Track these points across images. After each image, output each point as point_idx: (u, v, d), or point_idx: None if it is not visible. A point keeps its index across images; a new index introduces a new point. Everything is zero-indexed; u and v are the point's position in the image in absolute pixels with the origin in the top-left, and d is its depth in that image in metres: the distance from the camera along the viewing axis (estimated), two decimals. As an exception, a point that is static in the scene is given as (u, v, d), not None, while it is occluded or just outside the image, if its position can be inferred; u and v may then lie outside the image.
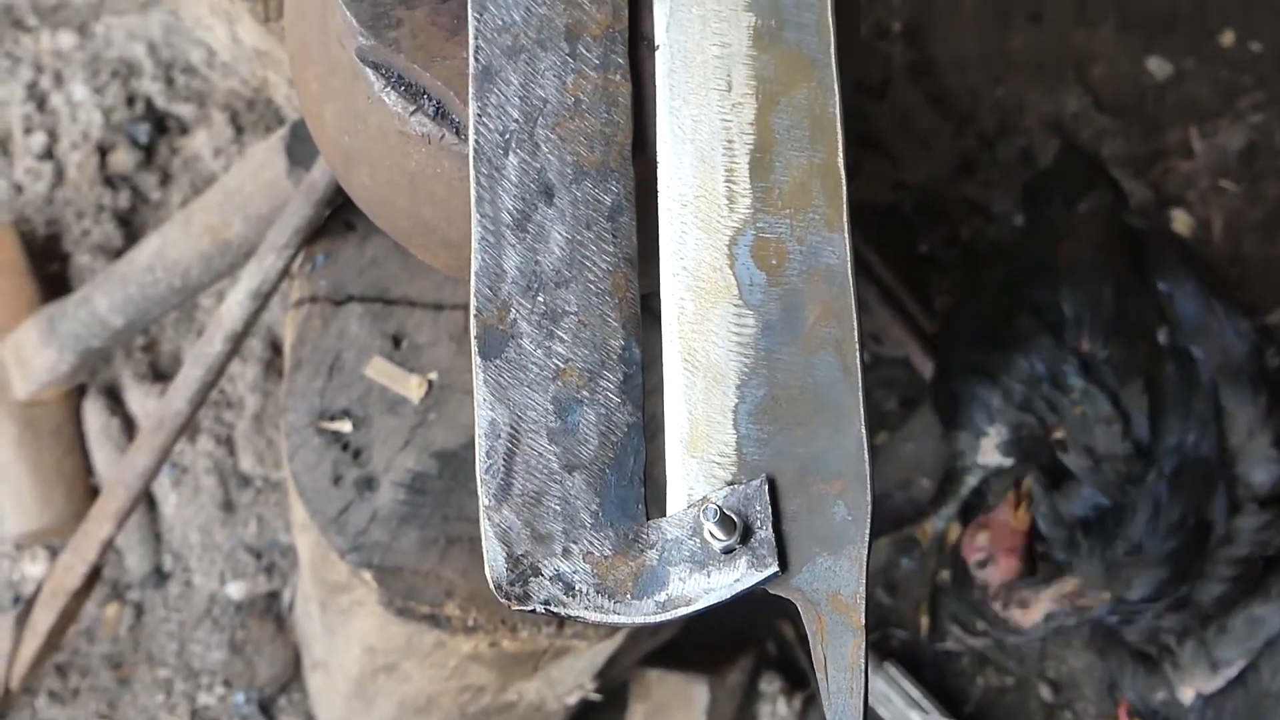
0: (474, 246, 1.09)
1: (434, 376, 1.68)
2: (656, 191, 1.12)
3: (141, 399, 2.18)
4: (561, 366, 1.08)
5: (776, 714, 2.18)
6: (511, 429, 1.07)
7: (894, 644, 2.24)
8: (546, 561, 1.04)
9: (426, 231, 1.23)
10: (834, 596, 1.02)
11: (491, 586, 1.03)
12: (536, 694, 1.78)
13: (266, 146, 1.76)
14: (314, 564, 1.75)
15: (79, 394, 2.18)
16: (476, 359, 1.08)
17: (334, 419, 1.67)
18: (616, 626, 1.08)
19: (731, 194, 1.11)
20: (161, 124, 2.31)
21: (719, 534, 1.02)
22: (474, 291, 1.09)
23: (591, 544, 1.04)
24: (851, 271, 1.09)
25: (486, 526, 1.04)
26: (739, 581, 1.02)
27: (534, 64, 1.13)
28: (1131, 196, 2.17)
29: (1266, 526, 1.80)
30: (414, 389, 1.67)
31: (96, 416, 2.17)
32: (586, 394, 1.08)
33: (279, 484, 2.19)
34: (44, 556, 2.16)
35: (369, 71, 1.16)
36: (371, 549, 1.63)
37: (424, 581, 1.63)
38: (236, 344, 1.74)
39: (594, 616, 1.04)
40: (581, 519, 1.05)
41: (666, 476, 1.07)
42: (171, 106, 2.32)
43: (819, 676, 1.01)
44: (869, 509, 1.04)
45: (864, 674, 1.00)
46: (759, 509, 1.03)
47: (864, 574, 1.02)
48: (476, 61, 1.13)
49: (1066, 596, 1.86)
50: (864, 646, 1.00)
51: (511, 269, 1.09)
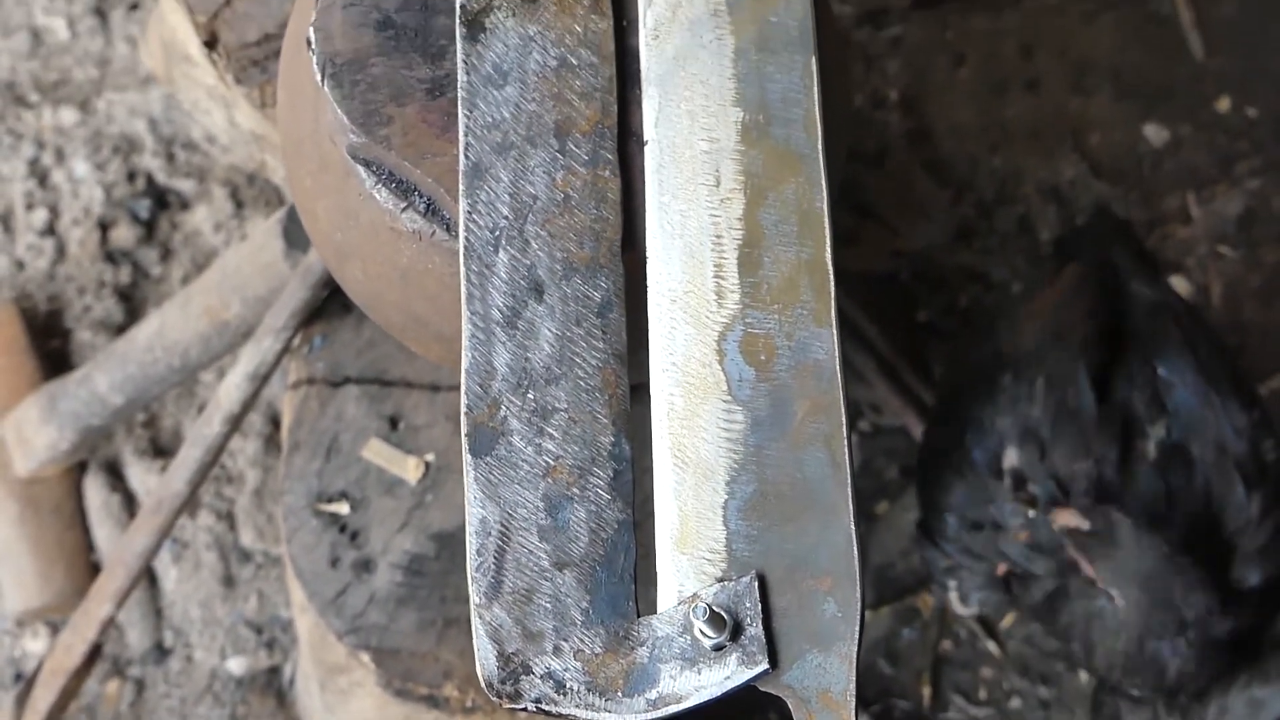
0: (464, 344, 1.10)
1: (431, 458, 1.68)
2: (646, 286, 1.13)
3: (142, 475, 2.18)
4: (552, 464, 1.08)
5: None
6: (502, 526, 1.07)
7: (896, 714, 2.24)
8: (537, 659, 1.04)
9: (419, 325, 1.24)
10: (824, 694, 1.03)
11: (483, 684, 1.04)
12: (535, 773, 1.78)
13: (264, 229, 1.77)
14: (312, 644, 1.75)
15: (80, 470, 2.18)
16: (467, 456, 1.08)
17: (331, 501, 1.68)
18: (608, 722, 1.08)
19: (720, 289, 1.12)
20: (162, 199, 2.33)
21: (709, 631, 1.02)
22: (464, 389, 1.10)
23: (582, 641, 1.05)
24: (840, 367, 1.10)
25: (478, 624, 1.05)
26: (729, 679, 1.02)
27: (524, 160, 1.14)
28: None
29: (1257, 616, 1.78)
30: (411, 470, 1.68)
31: (97, 493, 2.17)
32: (577, 491, 1.08)
33: (279, 559, 2.19)
34: (45, 633, 2.16)
35: (360, 168, 1.17)
36: (369, 631, 1.63)
37: (422, 663, 1.63)
38: (235, 425, 1.75)
39: (585, 714, 1.04)
40: (572, 616, 1.05)
41: (657, 572, 1.07)
42: (172, 182, 2.33)
43: (810, 774, 1.01)
44: (859, 605, 1.04)
45: (855, 771, 1.00)
46: (749, 606, 1.03)
47: (854, 671, 1.03)
48: (466, 158, 1.14)
49: None
50: (854, 743, 1.00)
51: (502, 366, 1.10)
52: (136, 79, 2.38)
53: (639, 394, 1.13)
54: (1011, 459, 1.76)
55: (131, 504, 2.19)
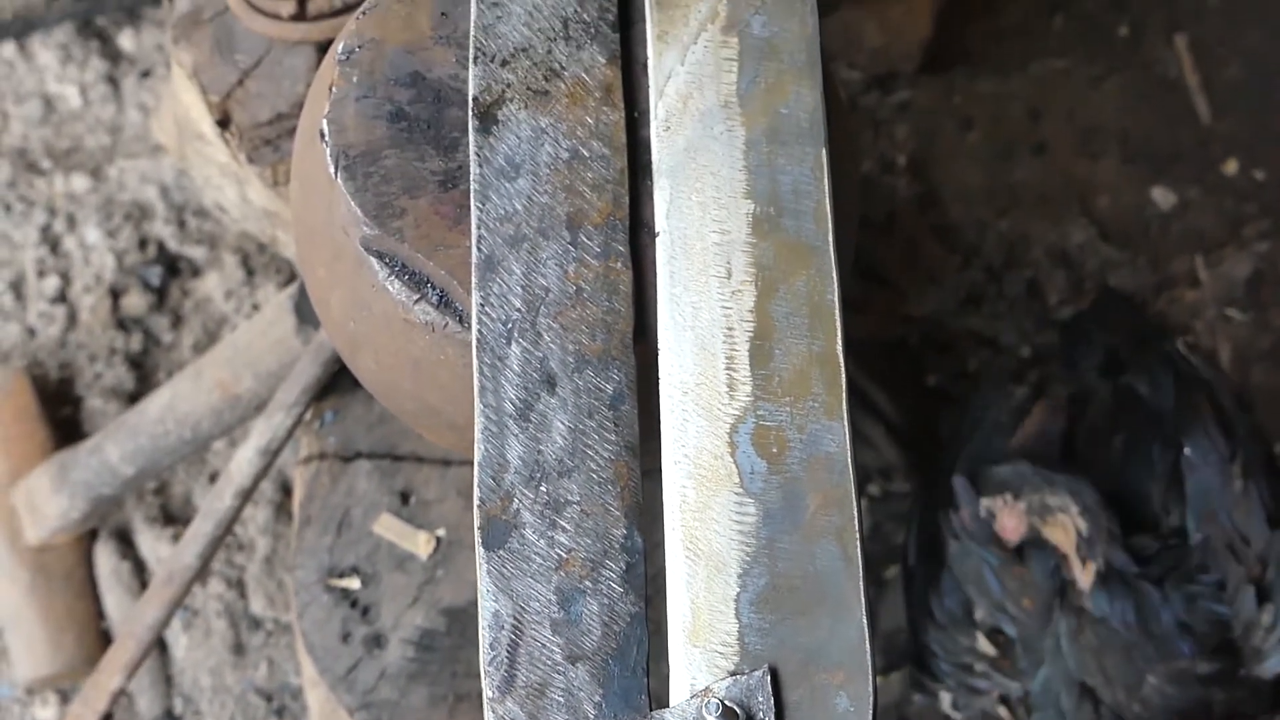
0: (477, 436, 1.11)
1: (442, 533, 1.69)
2: (658, 378, 1.13)
3: (153, 542, 2.19)
4: (564, 556, 1.09)
5: None
6: (515, 620, 1.07)
7: (907, 781, 2.23)
8: (550, 754, 1.05)
9: (431, 414, 1.24)
10: (837, 788, 1.03)
11: (496, 779, 1.04)
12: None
13: (275, 304, 1.78)
14: (324, 719, 1.75)
15: (90, 538, 2.18)
16: (480, 550, 1.08)
17: (343, 576, 1.68)
18: (620, 819, 1.08)
19: (732, 381, 1.12)
20: (173, 266, 2.34)
21: (722, 727, 1.02)
22: (477, 482, 1.10)
23: (595, 736, 1.05)
24: (851, 460, 1.10)
25: (490, 719, 1.05)
26: (743, 774, 1.03)
27: (536, 253, 1.15)
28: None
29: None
30: (422, 545, 1.68)
31: (108, 560, 2.18)
32: (589, 584, 1.08)
33: (290, 626, 2.19)
34: (54, 701, 2.16)
35: (373, 260, 1.17)
36: (380, 706, 1.63)
37: (433, 738, 1.63)
38: (246, 499, 1.76)
39: (598, 809, 1.04)
40: (585, 711, 1.05)
41: (669, 665, 1.07)
42: (183, 249, 2.34)
43: None
44: (871, 700, 1.04)
45: None
46: (761, 700, 1.04)
47: (866, 765, 1.03)
48: (479, 251, 1.14)
49: None
50: (866, 839, 1.01)
51: (514, 459, 1.10)
52: (148, 146, 2.40)
53: (651, 481, 1.13)
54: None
55: (142, 571, 2.19)
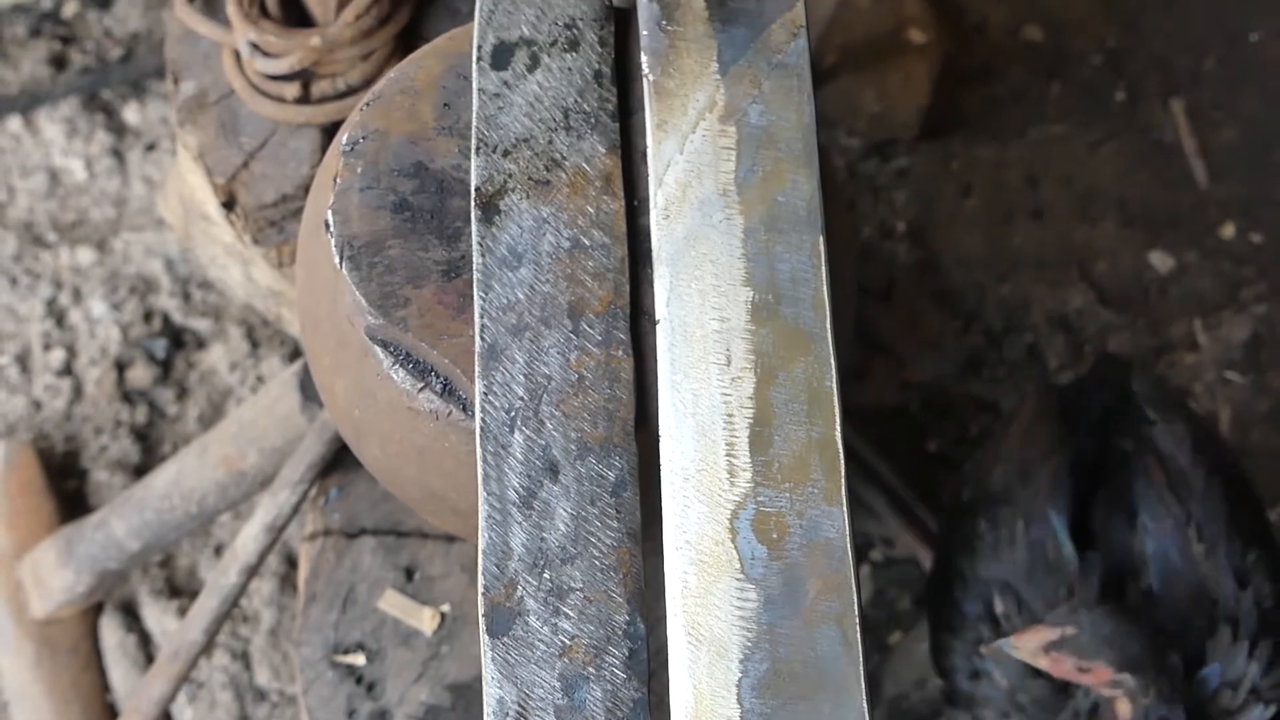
0: (481, 524, 1.12)
1: (446, 608, 1.69)
2: (659, 464, 1.14)
3: (158, 615, 2.19)
4: (568, 643, 1.10)
5: None
6: (520, 707, 1.08)
7: None
8: (555, 841, 1.05)
9: (436, 500, 1.25)
10: None
11: None
12: None
13: (280, 381, 1.79)
14: (329, 794, 1.75)
15: (96, 611, 2.19)
16: (485, 638, 1.10)
17: (348, 652, 1.68)
18: None
19: (732, 468, 1.13)
20: (178, 339, 2.35)
21: (725, 814, 1.03)
22: (481, 570, 1.11)
23: (599, 823, 1.06)
24: (851, 545, 1.11)
25: (495, 807, 1.06)
26: None
27: (538, 341, 1.16)
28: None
29: None
30: (427, 621, 1.69)
31: (113, 633, 2.18)
32: (593, 670, 1.09)
33: (295, 698, 2.19)
34: (61, 775, 2.16)
35: (378, 349, 1.19)
36: (386, 783, 1.64)
37: (438, 814, 1.63)
38: (252, 575, 1.77)
39: None
40: (589, 798, 1.06)
41: (673, 751, 1.08)
42: (188, 321, 2.36)
43: None
44: (872, 786, 1.05)
45: None
46: (764, 786, 1.05)
47: None
48: (482, 340, 1.16)
49: None
50: None
51: (518, 546, 1.12)
52: (153, 219, 2.41)
53: (653, 566, 1.14)
54: (999, 608, 1.75)
55: (148, 644, 2.20)
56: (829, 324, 1.17)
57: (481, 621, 1.10)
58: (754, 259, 1.19)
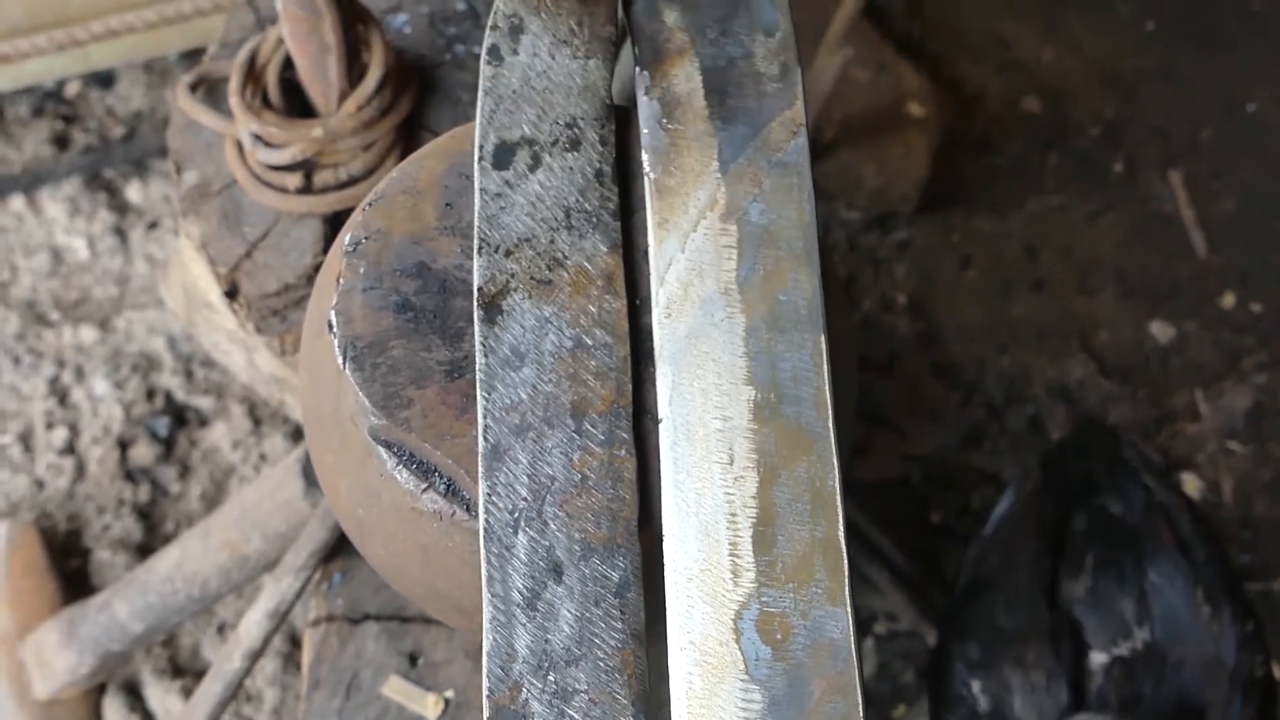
0: (485, 626, 1.12)
1: (450, 694, 1.69)
2: (663, 565, 1.14)
3: (161, 695, 2.19)
4: (573, 747, 1.10)
5: None
6: (525, 811, 1.08)
7: None
8: None
9: (440, 599, 1.25)
10: None
11: None
12: None
13: (283, 467, 1.79)
14: None
15: (99, 691, 2.19)
16: (489, 741, 1.09)
17: (352, 739, 1.68)
18: None
19: (736, 568, 1.13)
20: (181, 416, 2.36)
21: None
22: (486, 672, 1.11)
23: None
24: (855, 646, 1.11)
25: None
26: None
27: (541, 442, 1.16)
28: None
29: None
30: (431, 708, 1.69)
31: (116, 714, 2.18)
32: (598, 774, 1.09)
33: (299, 780, 2.19)
34: None
35: (381, 449, 1.19)
36: None
37: None
38: (255, 660, 1.77)
39: None
40: None
41: None
42: (191, 399, 2.36)
43: None
44: None
45: None
46: None
47: None
48: (486, 440, 1.16)
49: None
50: None
51: (523, 648, 1.12)
52: (155, 297, 2.42)
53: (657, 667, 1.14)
54: (975, 687, 1.79)
55: (150, 724, 2.20)
56: (831, 423, 1.17)
57: (486, 725, 1.10)
58: (756, 358, 1.19)
